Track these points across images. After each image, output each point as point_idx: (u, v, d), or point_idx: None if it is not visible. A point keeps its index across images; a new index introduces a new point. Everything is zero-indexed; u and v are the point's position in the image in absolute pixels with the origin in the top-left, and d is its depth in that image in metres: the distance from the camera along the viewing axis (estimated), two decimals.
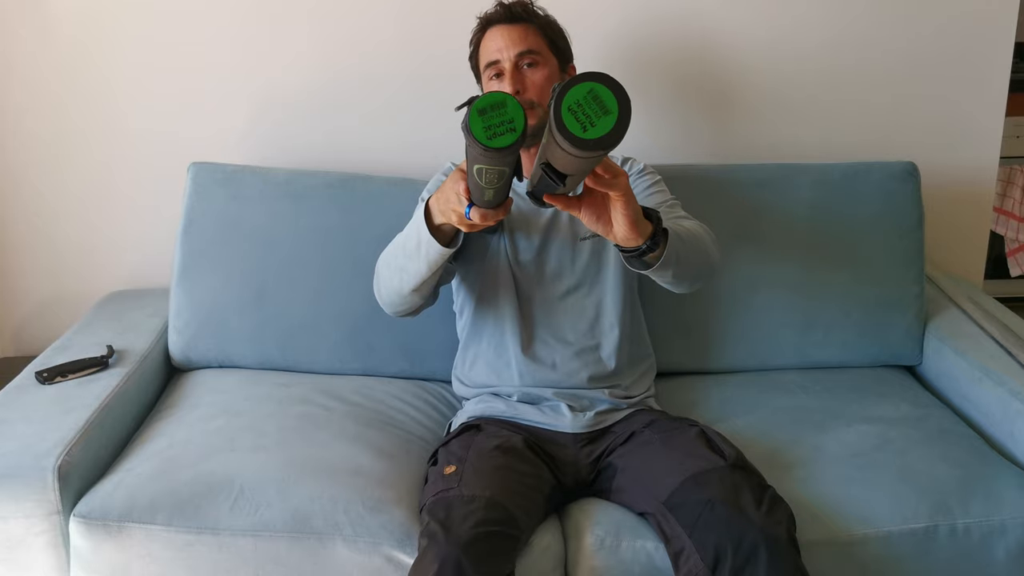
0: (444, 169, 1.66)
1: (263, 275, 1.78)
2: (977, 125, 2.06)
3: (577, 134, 0.90)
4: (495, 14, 1.58)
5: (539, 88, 1.54)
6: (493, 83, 1.55)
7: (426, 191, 1.62)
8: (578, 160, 0.95)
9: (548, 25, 1.59)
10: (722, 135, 2.03)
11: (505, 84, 1.52)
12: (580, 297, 1.58)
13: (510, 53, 1.53)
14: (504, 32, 1.55)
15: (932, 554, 1.39)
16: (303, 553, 1.34)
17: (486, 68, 1.57)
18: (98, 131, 1.97)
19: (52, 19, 1.91)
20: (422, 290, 1.44)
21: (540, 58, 1.55)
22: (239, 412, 1.60)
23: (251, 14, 1.92)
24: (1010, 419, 1.57)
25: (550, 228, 1.58)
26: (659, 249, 1.25)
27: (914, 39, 2.00)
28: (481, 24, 1.60)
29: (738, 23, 1.97)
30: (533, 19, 1.57)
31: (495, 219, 1.21)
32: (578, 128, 0.90)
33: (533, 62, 1.54)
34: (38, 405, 1.52)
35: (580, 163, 0.97)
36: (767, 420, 1.64)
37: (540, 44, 1.56)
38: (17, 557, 1.37)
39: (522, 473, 1.38)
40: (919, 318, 1.85)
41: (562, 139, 0.91)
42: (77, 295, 2.05)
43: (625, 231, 1.18)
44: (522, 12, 1.57)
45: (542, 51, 1.55)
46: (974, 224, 2.15)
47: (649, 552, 1.35)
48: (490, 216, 1.20)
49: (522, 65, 1.54)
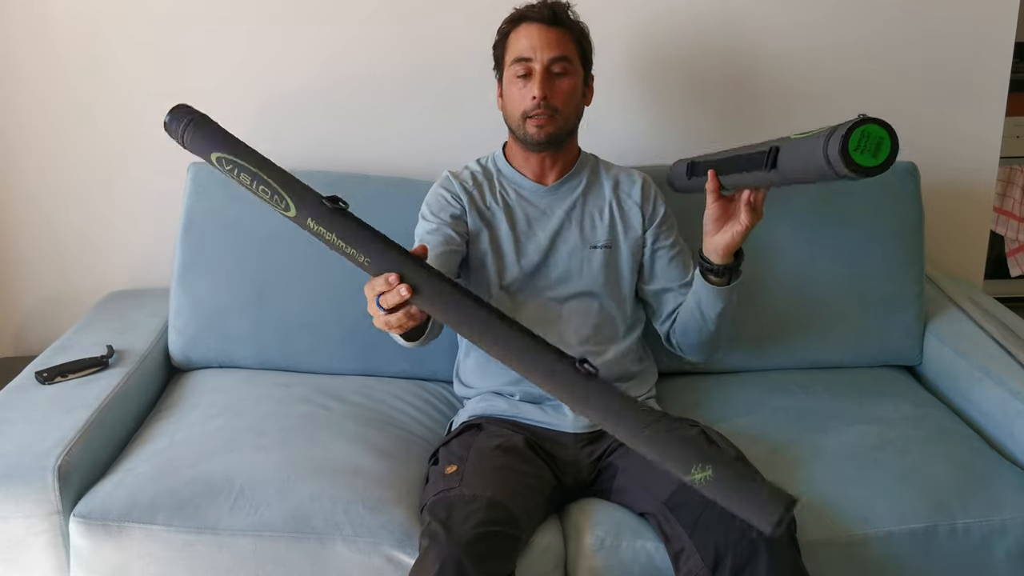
0: (441, 180, 1.64)
1: (263, 275, 1.78)
2: (977, 125, 2.06)
3: (865, 164, 1.17)
4: (536, 10, 1.54)
5: (564, 96, 1.52)
6: (518, 80, 1.53)
7: (425, 205, 1.61)
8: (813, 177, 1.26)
9: (583, 35, 1.57)
10: (723, 135, 2.03)
11: (534, 86, 1.50)
12: (586, 302, 1.59)
13: (544, 55, 1.50)
14: (542, 32, 1.52)
15: (932, 554, 1.39)
16: (303, 553, 1.34)
17: (514, 62, 1.53)
18: (98, 131, 1.97)
19: (53, 20, 1.91)
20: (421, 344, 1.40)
21: (571, 67, 1.53)
22: (239, 412, 1.60)
23: (251, 15, 1.92)
24: (1010, 419, 1.57)
25: (559, 234, 1.59)
26: (729, 278, 1.48)
27: (914, 39, 2.00)
28: (518, 15, 1.56)
29: (739, 25, 1.97)
30: (572, 26, 1.55)
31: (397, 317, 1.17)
32: (866, 159, 1.18)
33: (564, 70, 1.52)
34: (38, 405, 1.52)
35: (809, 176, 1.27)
36: (767, 420, 1.64)
37: (573, 52, 1.54)
38: (17, 557, 1.37)
39: (523, 473, 1.38)
40: (919, 318, 1.85)
41: (841, 164, 1.15)
42: (77, 295, 2.05)
43: (725, 244, 1.44)
44: (564, 17, 1.54)
45: (574, 60, 1.54)
46: (974, 224, 2.15)
47: (649, 552, 1.35)
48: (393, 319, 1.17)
49: (553, 70, 1.51)
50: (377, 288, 1.15)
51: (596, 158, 1.68)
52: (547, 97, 1.50)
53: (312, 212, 1.19)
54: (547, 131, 1.52)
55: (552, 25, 1.52)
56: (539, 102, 1.50)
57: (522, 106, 1.52)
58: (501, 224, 1.58)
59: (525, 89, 1.52)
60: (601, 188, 1.63)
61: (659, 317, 1.66)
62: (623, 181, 1.65)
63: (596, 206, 1.62)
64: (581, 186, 1.62)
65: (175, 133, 1.31)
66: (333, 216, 1.18)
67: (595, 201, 1.62)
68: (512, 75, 1.54)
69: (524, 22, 1.54)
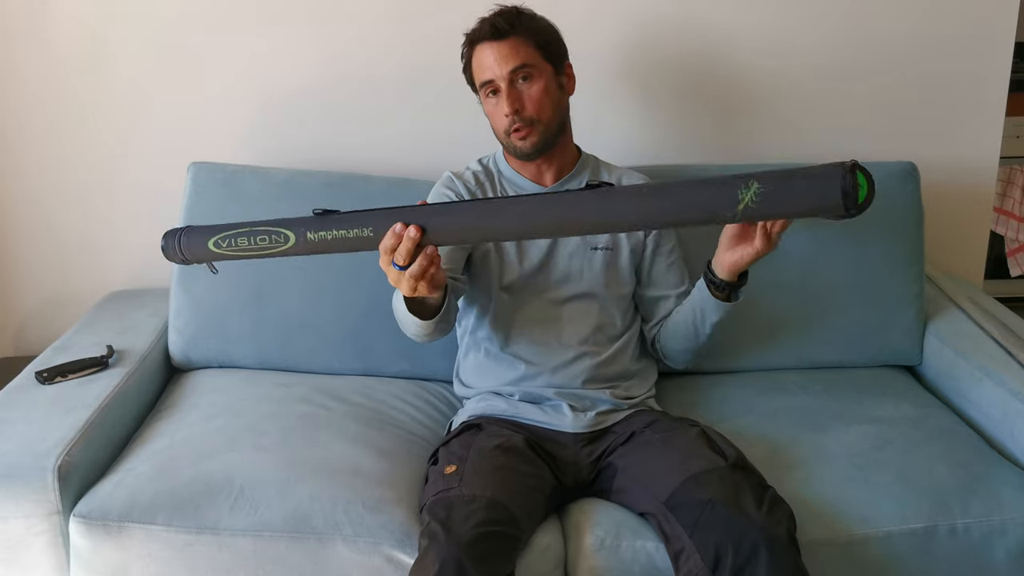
0: (443, 179, 1.64)
1: (263, 275, 1.78)
2: (977, 125, 2.06)
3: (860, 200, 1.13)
4: (480, 31, 1.53)
5: (537, 102, 1.51)
6: (491, 100, 1.53)
7: None
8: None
9: (537, 32, 1.53)
10: (722, 135, 2.03)
11: (503, 103, 1.50)
12: (586, 303, 1.59)
13: (502, 71, 1.50)
14: (493, 49, 1.50)
15: (932, 554, 1.39)
16: (303, 553, 1.34)
17: (481, 86, 1.54)
18: (98, 132, 1.97)
19: (53, 21, 1.91)
20: (433, 335, 1.45)
21: (534, 70, 1.51)
22: (239, 412, 1.60)
23: (251, 15, 1.92)
24: (1010, 419, 1.57)
25: None
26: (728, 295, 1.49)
27: (914, 39, 2.00)
28: (468, 40, 1.56)
29: (737, 24, 1.97)
30: (519, 31, 1.51)
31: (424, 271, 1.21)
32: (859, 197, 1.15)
33: (527, 75, 1.51)
34: (38, 405, 1.52)
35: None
36: (767, 420, 1.64)
37: (532, 55, 1.51)
38: (17, 557, 1.37)
39: (523, 473, 1.38)
40: (919, 318, 1.85)
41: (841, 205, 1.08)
42: (77, 295, 2.05)
43: (732, 262, 1.42)
44: (506, 26, 1.51)
45: (535, 62, 1.51)
46: (974, 224, 2.15)
47: (649, 552, 1.35)
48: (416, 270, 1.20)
49: (516, 80, 1.51)
50: (388, 246, 1.18)
51: (597, 159, 1.68)
52: (518, 111, 1.50)
53: (306, 226, 1.23)
54: (532, 141, 1.53)
55: (501, 39, 1.50)
56: (512, 118, 1.50)
57: (501, 124, 1.53)
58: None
59: (498, 107, 1.52)
60: None
61: (648, 321, 1.66)
62: (625, 183, 1.65)
63: None
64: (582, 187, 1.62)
65: (173, 252, 1.35)
66: (325, 218, 1.22)
67: None
68: (483, 97, 1.56)
69: (477, 44, 1.54)
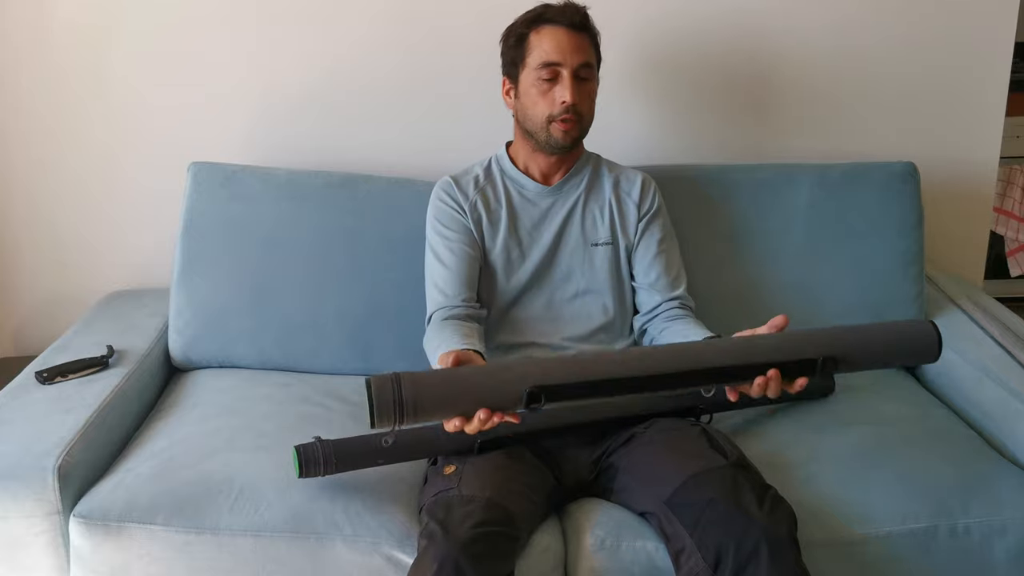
0: (442, 185, 1.64)
1: (263, 275, 1.78)
2: (977, 125, 2.06)
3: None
4: (562, 14, 1.53)
5: (589, 101, 1.55)
6: (543, 84, 1.52)
7: (433, 217, 1.62)
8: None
9: (596, 36, 1.58)
10: (722, 135, 2.03)
11: (566, 91, 1.50)
12: (590, 300, 1.59)
13: (573, 60, 1.51)
14: (570, 37, 1.52)
15: (932, 554, 1.38)
16: (303, 553, 1.34)
17: (541, 66, 1.52)
18: (98, 132, 1.97)
19: (54, 21, 1.91)
20: None
21: (592, 71, 1.55)
22: (239, 412, 1.60)
23: (252, 15, 1.92)
24: (1010, 419, 1.57)
25: (562, 232, 1.60)
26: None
27: (914, 40, 2.00)
28: (537, 16, 1.54)
29: (738, 25, 1.97)
30: (594, 32, 1.56)
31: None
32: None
33: (588, 76, 1.54)
34: (38, 405, 1.52)
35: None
36: (767, 420, 1.64)
37: (594, 58, 1.56)
38: (17, 557, 1.37)
39: (522, 473, 1.38)
40: (919, 318, 1.85)
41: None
42: (77, 295, 2.05)
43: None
44: (587, 23, 1.55)
45: (594, 66, 1.56)
46: (974, 224, 2.15)
47: (649, 552, 1.35)
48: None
49: (580, 75, 1.52)
50: (476, 428, 1.19)
51: (599, 157, 1.68)
52: (576, 103, 1.51)
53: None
54: (572, 135, 1.54)
55: (579, 30, 1.53)
56: (568, 106, 1.50)
57: (548, 110, 1.52)
58: (506, 226, 1.59)
59: (551, 93, 1.52)
60: (602, 186, 1.64)
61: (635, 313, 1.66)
62: (623, 180, 1.65)
63: (597, 204, 1.63)
64: (583, 184, 1.63)
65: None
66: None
67: (596, 199, 1.63)
68: (535, 78, 1.53)
69: (548, 24, 1.53)
